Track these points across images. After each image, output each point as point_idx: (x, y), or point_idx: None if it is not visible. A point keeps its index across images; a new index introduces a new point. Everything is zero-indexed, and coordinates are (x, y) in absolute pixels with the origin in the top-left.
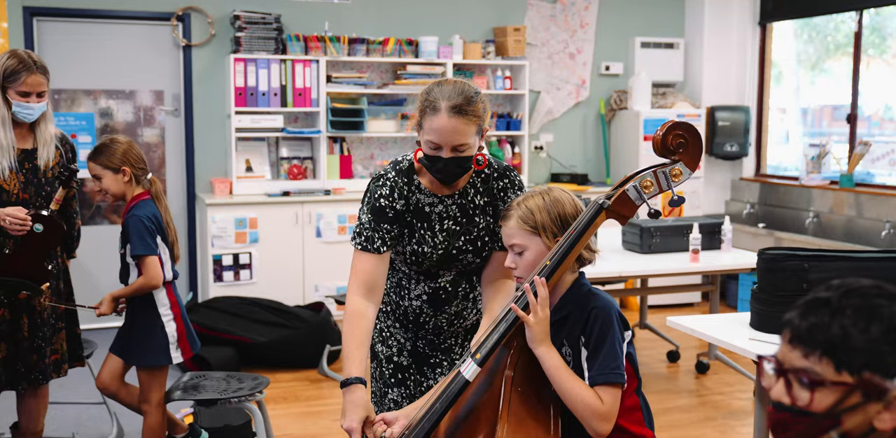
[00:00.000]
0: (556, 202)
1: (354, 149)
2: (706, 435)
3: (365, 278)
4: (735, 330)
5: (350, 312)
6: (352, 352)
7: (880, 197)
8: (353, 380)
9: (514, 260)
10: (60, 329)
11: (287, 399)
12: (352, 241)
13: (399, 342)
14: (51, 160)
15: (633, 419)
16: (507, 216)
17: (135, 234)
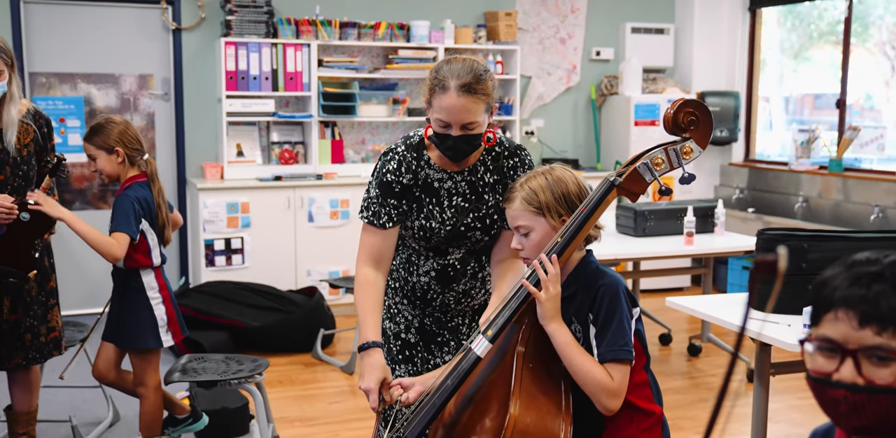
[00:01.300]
0: (558, 181)
1: (346, 134)
2: (700, 416)
3: (372, 251)
4: (733, 310)
5: (360, 281)
6: (366, 318)
7: (869, 181)
8: (370, 344)
9: (520, 241)
10: (53, 306)
11: (282, 382)
12: (360, 214)
13: (407, 319)
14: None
15: (641, 395)
16: (511, 198)
17: (119, 211)
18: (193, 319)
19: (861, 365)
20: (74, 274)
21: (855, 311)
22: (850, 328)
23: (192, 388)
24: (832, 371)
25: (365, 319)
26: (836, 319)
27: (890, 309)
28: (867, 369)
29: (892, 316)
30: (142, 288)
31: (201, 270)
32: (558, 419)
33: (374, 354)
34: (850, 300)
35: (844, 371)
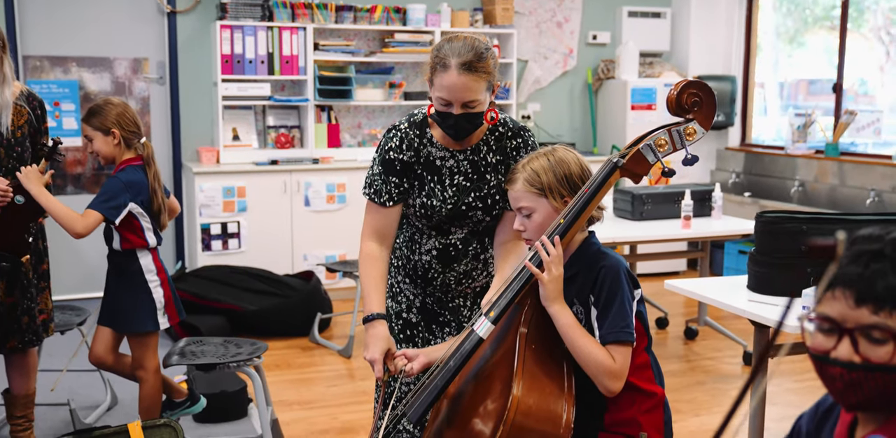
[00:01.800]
0: (561, 162)
1: (342, 118)
2: (697, 399)
3: (375, 226)
4: (733, 293)
5: (364, 255)
6: (370, 292)
7: (865, 165)
8: (375, 316)
9: (522, 222)
10: (43, 289)
11: (280, 366)
12: (363, 190)
13: (408, 298)
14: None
15: (643, 376)
16: (513, 179)
17: (102, 191)
18: (190, 303)
19: (858, 343)
20: (70, 259)
21: (852, 290)
22: (846, 307)
23: (189, 372)
24: (830, 349)
25: (369, 292)
26: (834, 298)
27: (886, 289)
28: (864, 347)
29: (888, 296)
30: (140, 270)
31: (197, 254)
32: (561, 400)
33: (378, 325)
34: (847, 279)
35: (841, 350)
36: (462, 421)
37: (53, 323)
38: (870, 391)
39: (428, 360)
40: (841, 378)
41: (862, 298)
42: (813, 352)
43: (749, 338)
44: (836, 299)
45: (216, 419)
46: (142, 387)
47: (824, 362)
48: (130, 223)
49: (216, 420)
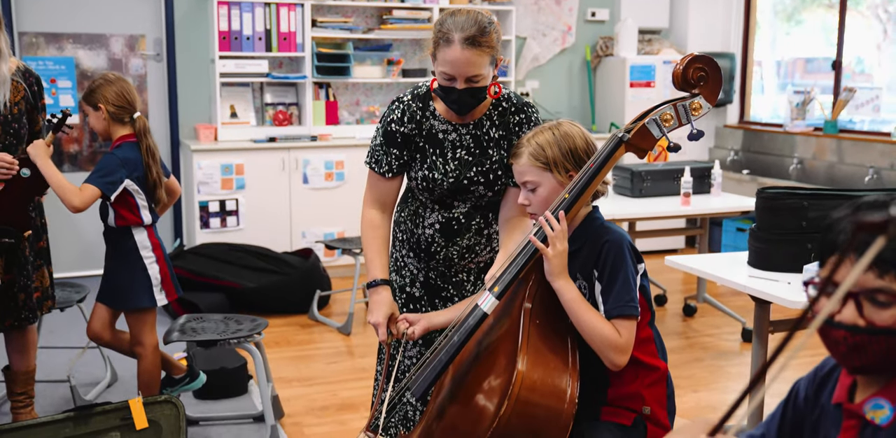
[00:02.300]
0: (566, 136)
1: (340, 96)
2: (696, 375)
3: (376, 195)
4: (733, 269)
5: (366, 223)
6: (373, 258)
7: (864, 142)
8: (379, 282)
9: (526, 196)
10: (39, 266)
11: (279, 343)
12: (365, 159)
13: (412, 272)
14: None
15: (647, 350)
16: (518, 153)
17: (99, 166)
18: (189, 281)
19: (862, 306)
20: (69, 236)
21: (857, 255)
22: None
23: (190, 348)
24: (834, 313)
25: (372, 259)
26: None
27: (891, 254)
28: (868, 311)
29: (893, 260)
30: (135, 247)
31: (196, 232)
32: (565, 375)
33: (381, 291)
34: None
35: (846, 313)
36: (466, 396)
37: (50, 300)
38: (873, 354)
39: (429, 325)
40: (845, 342)
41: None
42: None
43: (748, 315)
44: (844, 264)
45: (216, 395)
46: (140, 364)
47: (828, 325)
48: (125, 200)
49: (216, 397)
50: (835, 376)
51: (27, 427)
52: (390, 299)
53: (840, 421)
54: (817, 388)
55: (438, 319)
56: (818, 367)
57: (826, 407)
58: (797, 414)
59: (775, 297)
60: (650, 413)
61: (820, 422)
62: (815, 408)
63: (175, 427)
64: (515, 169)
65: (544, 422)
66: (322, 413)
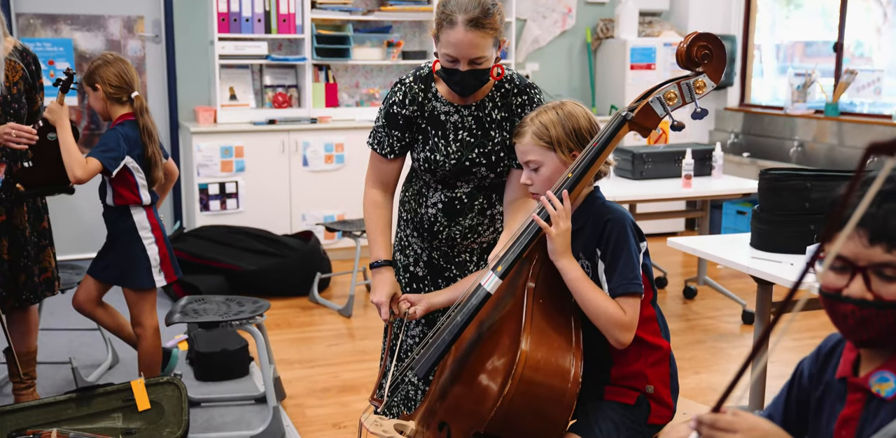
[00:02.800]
0: (569, 116)
1: (340, 78)
2: (697, 357)
3: (378, 175)
4: (736, 250)
5: (369, 203)
6: (376, 238)
7: (865, 125)
8: (381, 263)
9: (529, 176)
10: (45, 246)
11: (280, 325)
12: (368, 139)
13: (416, 252)
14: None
15: (649, 329)
16: (521, 133)
17: (102, 141)
18: (189, 263)
19: (870, 281)
20: (68, 219)
21: (865, 229)
22: (860, 245)
23: (191, 330)
24: (842, 287)
25: (375, 239)
26: (848, 237)
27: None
28: (876, 285)
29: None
30: (133, 227)
31: (195, 214)
32: (569, 354)
33: (384, 271)
34: (861, 218)
35: (854, 287)
36: (470, 376)
37: (58, 281)
38: (880, 328)
39: (429, 305)
40: (852, 315)
41: (876, 237)
42: (824, 291)
43: (748, 298)
44: (850, 238)
45: (217, 377)
46: (140, 345)
47: (836, 300)
48: (124, 178)
49: (217, 379)
50: (838, 352)
51: (29, 408)
52: (393, 279)
53: (845, 395)
54: (821, 366)
55: (438, 299)
56: (821, 346)
57: (831, 383)
58: (802, 393)
59: (778, 278)
60: (653, 391)
61: (825, 398)
62: (820, 385)
63: (177, 409)
64: (518, 148)
65: (548, 402)
66: (324, 395)
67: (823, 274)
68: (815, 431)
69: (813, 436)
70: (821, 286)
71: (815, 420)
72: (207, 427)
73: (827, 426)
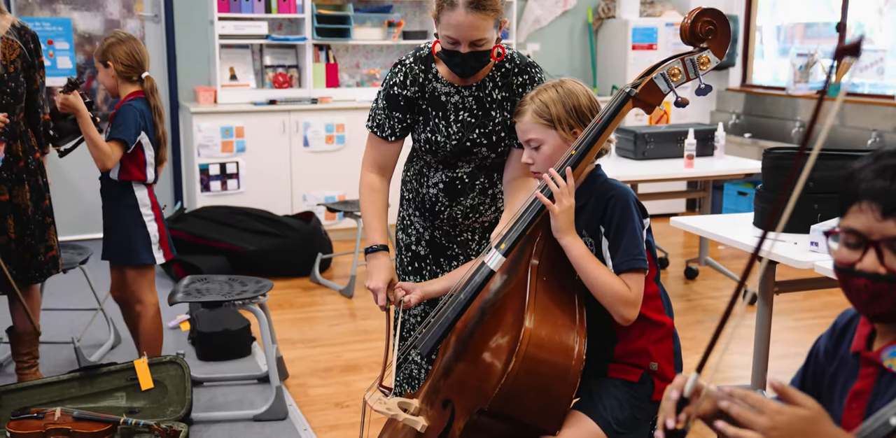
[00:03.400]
0: (570, 94)
1: (340, 58)
2: (697, 337)
3: (376, 158)
4: (739, 229)
5: (365, 187)
6: (372, 223)
7: (867, 105)
8: (377, 247)
9: (530, 155)
10: (49, 224)
11: (282, 305)
12: (367, 123)
13: (418, 231)
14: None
15: (653, 306)
16: (522, 111)
17: (121, 119)
18: (190, 244)
19: (883, 254)
20: (69, 199)
21: (878, 203)
22: (873, 219)
23: (193, 310)
24: (855, 261)
25: (371, 223)
26: (861, 211)
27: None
28: (889, 259)
29: None
30: (135, 203)
31: (196, 195)
32: (573, 332)
33: (380, 257)
34: (873, 192)
35: (867, 261)
36: (473, 354)
37: (62, 259)
38: (893, 301)
39: (424, 293)
40: (866, 290)
41: (888, 211)
42: (838, 265)
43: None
44: (863, 212)
45: (220, 357)
46: (140, 322)
47: (849, 274)
48: (136, 154)
49: (220, 358)
50: (853, 327)
51: (33, 386)
52: (389, 264)
53: (858, 370)
54: (836, 341)
55: (434, 287)
56: (836, 321)
57: (845, 358)
58: (818, 370)
59: (781, 257)
60: (657, 368)
61: (838, 373)
62: (835, 361)
63: (180, 388)
64: (519, 127)
65: (552, 379)
66: (326, 375)
67: (837, 249)
68: (828, 405)
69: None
70: (835, 261)
71: (828, 394)
72: (210, 406)
73: (839, 400)
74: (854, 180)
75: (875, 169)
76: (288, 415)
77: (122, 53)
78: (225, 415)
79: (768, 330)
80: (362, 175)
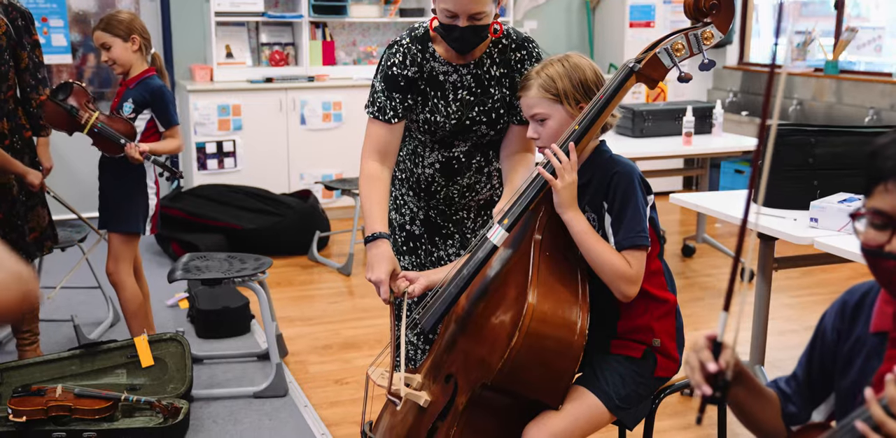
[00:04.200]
0: (576, 68)
1: (337, 36)
2: (696, 314)
3: (377, 145)
4: (738, 206)
5: (366, 174)
6: (372, 210)
7: (864, 83)
8: (378, 235)
9: (536, 130)
10: (34, 206)
11: (280, 283)
12: (366, 109)
13: (412, 210)
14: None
15: (656, 283)
16: (527, 85)
17: (170, 104)
18: (187, 222)
19: None
20: (65, 179)
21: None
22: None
23: (193, 287)
24: (884, 243)
25: (371, 212)
26: (887, 191)
27: None
28: None
29: None
30: (143, 175)
31: (193, 173)
32: (576, 307)
33: (381, 245)
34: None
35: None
36: (477, 329)
37: (50, 240)
38: None
39: (428, 282)
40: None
41: None
42: (866, 248)
43: (747, 255)
44: (890, 192)
45: (219, 335)
46: (121, 294)
47: (878, 256)
48: (155, 129)
49: (219, 336)
50: (867, 305)
51: (34, 364)
52: (391, 253)
53: (883, 350)
54: (851, 319)
55: (439, 276)
56: (845, 299)
57: (862, 337)
58: (826, 349)
59: (781, 233)
60: (660, 345)
61: (855, 353)
62: (849, 340)
63: (180, 365)
64: (524, 101)
65: (555, 354)
66: (325, 352)
67: (864, 231)
68: (843, 387)
69: (841, 392)
70: (862, 243)
71: (842, 375)
72: (211, 383)
73: (858, 381)
74: (879, 158)
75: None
76: (288, 392)
77: (140, 27)
78: (225, 392)
79: (767, 307)
80: (362, 163)
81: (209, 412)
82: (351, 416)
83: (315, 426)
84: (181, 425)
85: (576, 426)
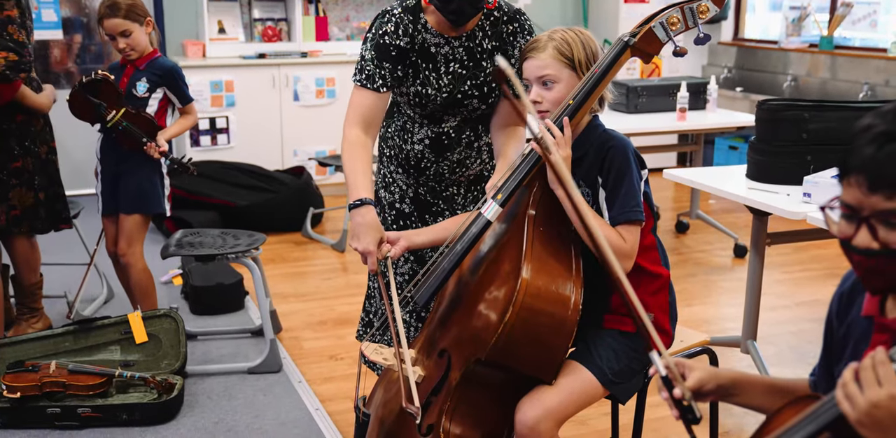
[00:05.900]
0: (589, 39)
1: (330, 11)
2: (688, 290)
3: (363, 113)
4: (732, 181)
5: (349, 142)
6: (356, 178)
7: (859, 59)
8: (363, 201)
9: (539, 93)
10: (15, 185)
11: (274, 260)
12: (353, 77)
13: (401, 188)
14: None
15: (649, 258)
16: (539, 47)
17: (183, 82)
18: (181, 199)
19: (876, 229)
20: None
21: (864, 176)
22: (861, 194)
23: (186, 263)
24: (851, 236)
25: (355, 177)
26: (850, 185)
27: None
28: (883, 233)
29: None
30: None
31: (186, 150)
32: (569, 282)
33: (367, 213)
34: (860, 163)
35: (860, 237)
36: (470, 304)
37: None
38: (892, 275)
39: (409, 244)
40: (860, 266)
41: (874, 184)
42: (840, 238)
43: (739, 231)
44: (852, 186)
45: (213, 311)
46: (132, 273)
47: (847, 249)
48: (166, 107)
49: (213, 313)
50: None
51: (28, 340)
52: (377, 221)
53: (870, 334)
54: (847, 301)
55: (420, 238)
56: (843, 280)
57: (855, 321)
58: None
59: (775, 208)
60: (654, 319)
61: (848, 336)
62: (844, 322)
63: (175, 341)
64: (533, 63)
65: (549, 329)
66: (319, 328)
67: (837, 222)
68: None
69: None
70: (836, 234)
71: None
72: (205, 359)
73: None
74: (851, 151)
75: (869, 137)
76: (282, 368)
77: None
78: (219, 368)
79: (759, 282)
80: (345, 131)
81: (203, 388)
82: (345, 391)
83: (309, 401)
84: (175, 400)
85: (569, 400)
